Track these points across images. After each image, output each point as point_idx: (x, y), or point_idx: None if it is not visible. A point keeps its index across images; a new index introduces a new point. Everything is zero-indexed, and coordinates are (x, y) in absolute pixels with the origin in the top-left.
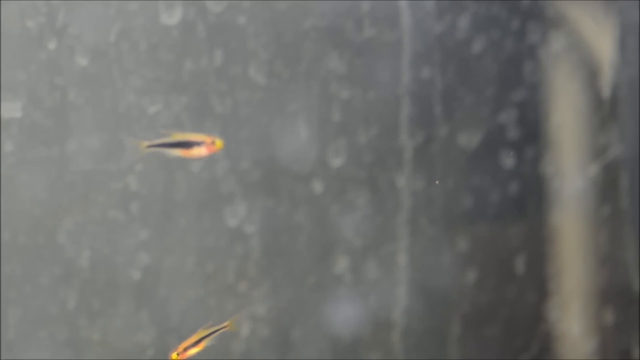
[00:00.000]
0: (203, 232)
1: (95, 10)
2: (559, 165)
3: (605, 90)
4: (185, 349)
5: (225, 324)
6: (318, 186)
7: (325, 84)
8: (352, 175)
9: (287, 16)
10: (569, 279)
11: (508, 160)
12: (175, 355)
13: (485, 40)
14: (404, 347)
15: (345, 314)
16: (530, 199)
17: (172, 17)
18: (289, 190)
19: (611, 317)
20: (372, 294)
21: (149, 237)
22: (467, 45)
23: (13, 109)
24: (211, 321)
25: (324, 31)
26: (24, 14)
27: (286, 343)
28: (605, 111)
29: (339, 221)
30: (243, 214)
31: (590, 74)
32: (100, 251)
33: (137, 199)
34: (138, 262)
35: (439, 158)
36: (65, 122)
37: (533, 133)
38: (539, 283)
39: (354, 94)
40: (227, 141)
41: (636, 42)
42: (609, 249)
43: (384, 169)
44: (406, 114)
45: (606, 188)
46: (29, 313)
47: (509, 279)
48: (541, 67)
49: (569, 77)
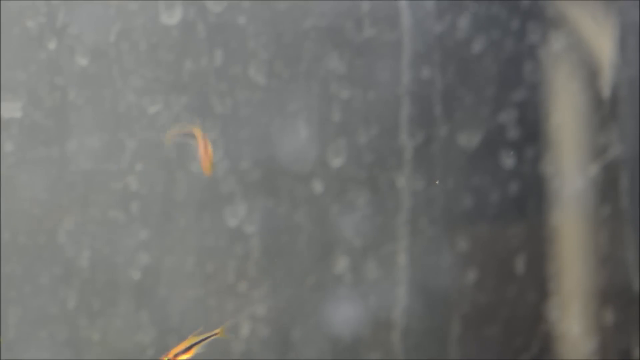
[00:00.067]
0: (203, 232)
1: (95, 10)
2: (559, 165)
3: (605, 90)
4: (175, 355)
5: (216, 331)
6: (318, 186)
7: (325, 84)
8: (352, 175)
9: (287, 16)
10: (569, 279)
11: (508, 160)
12: None
13: (485, 40)
14: (404, 347)
15: (345, 314)
16: (530, 199)
17: (172, 17)
18: (289, 190)
19: (611, 317)
20: (372, 294)
21: (149, 237)
22: (467, 45)
23: (13, 109)
24: (201, 327)
25: (324, 31)
26: (24, 14)
27: (286, 343)
28: (605, 111)
29: (339, 221)
30: (243, 214)
31: (590, 74)
32: (100, 251)
33: (137, 199)
34: (138, 262)
35: (439, 158)
36: (65, 122)
37: (533, 133)
38: (539, 283)
39: (354, 94)
40: (227, 141)
41: (636, 42)
42: (609, 249)
43: (384, 169)
44: (406, 114)
45: (606, 188)
46: (29, 313)
47: (509, 279)
48: (541, 67)
49: (569, 77)
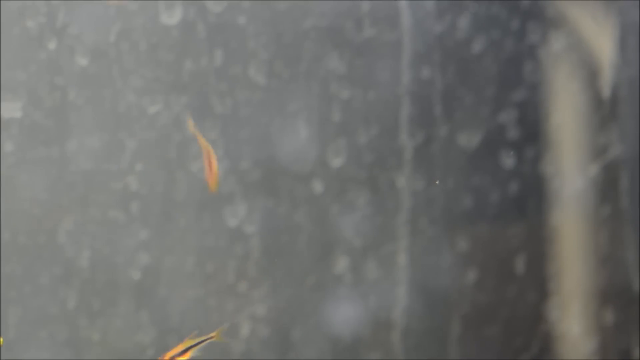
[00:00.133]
0: (203, 232)
1: (95, 10)
2: (559, 165)
3: (605, 90)
4: (171, 359)
5: (212, 334)
6: (318, 186)
7: (325, 84)
8: (352, 175)
9: (287, 16)
10: (569, 279)
11: (508, 160)
12: None
13: (485, 40)
14: (404, 347)
15: (345, 314)
16: (530, 199)
17: (172, 17)
18: (289, 190)
19: (611, 317)
20: (372, 294)
21: (149, 237)
22: (467, 45)
23: (13, 109)
24: (197, 331)
25: (324, 31)
26: (24, 14)
27: (286, 343)
28: (605, 111)
29: (339, 221)
30: (243, 214)
31: (590, 74)
32: (100, 251)
33: (137, 199)
34: (138, 262)
35: (439, 158)
36: (65, 122)
37: (533, 133)
38: (539, 283)
39: (354, 94)
40: (227, 141)
41: (636, 42)
42: (609, 249)
43: (384, 169)
44: (406, 114)
45: (606, 188)
46: (29, 313)
47: (509, 279)
48: (541, 67)
49: (569, 77)
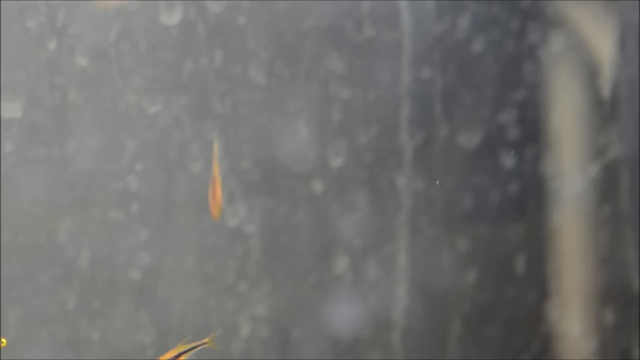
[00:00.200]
0: (203, 232)
1: (95, 10)
2: (559, 165)
3: (605, 90)
4: None
5: (205, 340)
6: (318, 186)
7: (325, 84)
8: (352, 175)
9: (287, 16)
10: (569, 279)
11: (508, 160)
12: None
13: (485, 40)
14: (404, 347)
15: (345, 314)
16: (530, 199)
17: (172, 17)
18: (289, 190)
19: (611, 317)
20: (372, 294)
21: (149, 237)
22: (467, 45)
23: (13, 109)
24: (189, 336)
25: (324, 31)
26: (24, 14)
27: (286, 343)
28: (605, 111)
29: (339, 221)
30: (243, 214)
31: (590, 74)
32: (100, 251)
33: (137, 199)
34: (138, 262)
35: (439, 158)
36: (65, 122)
37: (533, 133)
38: (539, 283)
39: (354, 94)
40: (227, 141)
41: (636, 42)
42: (609, 249)
43: (384, 169)
44: (406, 114)
45: (606, 188)
46: (29, 313)
47: (509, 280)
48: (541, 67)
49: (569, 77)
